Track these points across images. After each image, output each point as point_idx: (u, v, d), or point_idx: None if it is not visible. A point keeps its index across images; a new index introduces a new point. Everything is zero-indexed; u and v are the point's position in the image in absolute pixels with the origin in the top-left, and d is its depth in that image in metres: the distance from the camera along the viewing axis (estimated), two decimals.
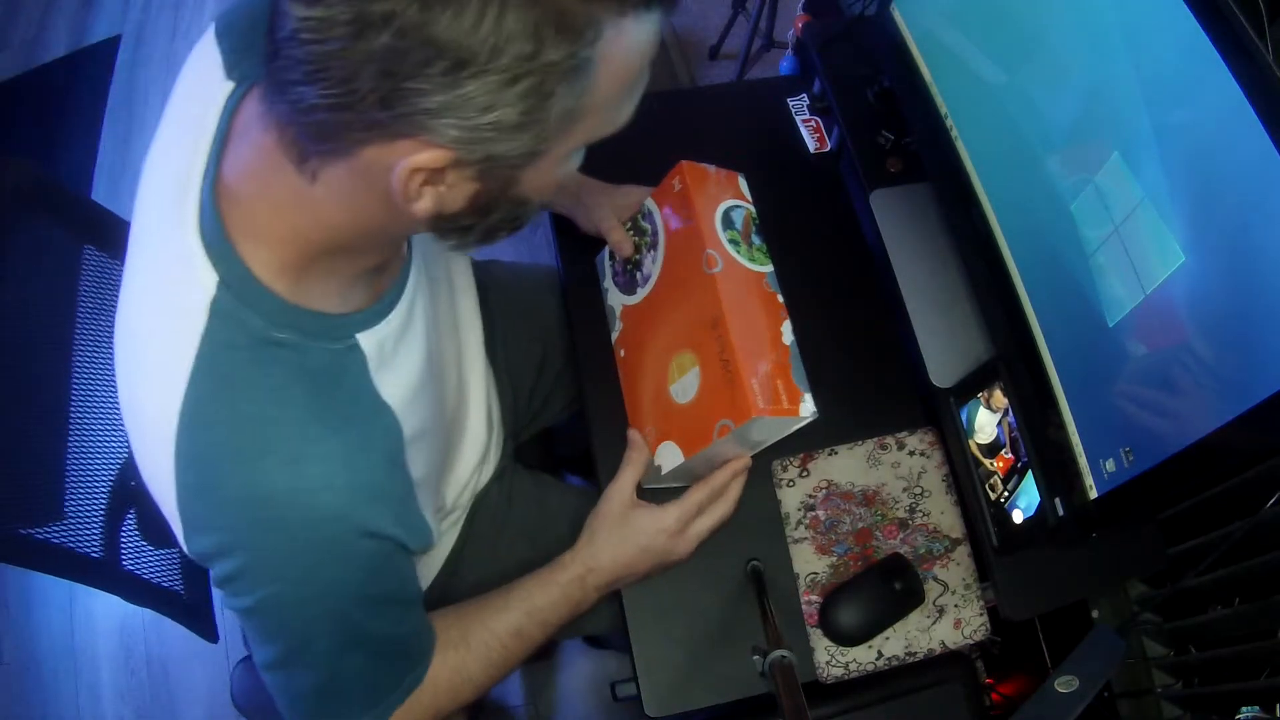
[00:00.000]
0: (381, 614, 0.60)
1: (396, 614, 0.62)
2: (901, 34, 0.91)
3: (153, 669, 1.61)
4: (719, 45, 2.12)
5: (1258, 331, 0.53)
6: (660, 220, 0.84)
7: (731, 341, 0.72)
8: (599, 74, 0.44)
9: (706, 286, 0.75)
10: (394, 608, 0.61)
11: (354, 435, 0.53)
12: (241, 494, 0.51)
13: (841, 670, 0.81)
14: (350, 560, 0.55)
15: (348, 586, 0.56)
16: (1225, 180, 0.54)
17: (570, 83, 0.43)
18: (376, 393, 0.55)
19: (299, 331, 0.52)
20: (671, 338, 0.80)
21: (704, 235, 0.77)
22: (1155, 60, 0.58)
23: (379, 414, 0.55)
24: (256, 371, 0.51)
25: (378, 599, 0.59)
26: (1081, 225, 0.68)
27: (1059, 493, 0.74)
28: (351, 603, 0.57)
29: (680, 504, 0.77)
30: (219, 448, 0.51)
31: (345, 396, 0.53)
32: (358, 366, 0.54)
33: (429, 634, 0.68)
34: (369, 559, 0.56)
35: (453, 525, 0.88)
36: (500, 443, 0.94)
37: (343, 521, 0.53)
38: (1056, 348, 0.74)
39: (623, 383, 0.86)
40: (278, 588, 0.55)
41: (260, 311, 0.50)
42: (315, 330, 0.52)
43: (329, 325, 0.53)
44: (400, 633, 0.63)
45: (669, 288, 0.82)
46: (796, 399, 0.73)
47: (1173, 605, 0.91)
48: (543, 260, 1.92)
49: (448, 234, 0.50)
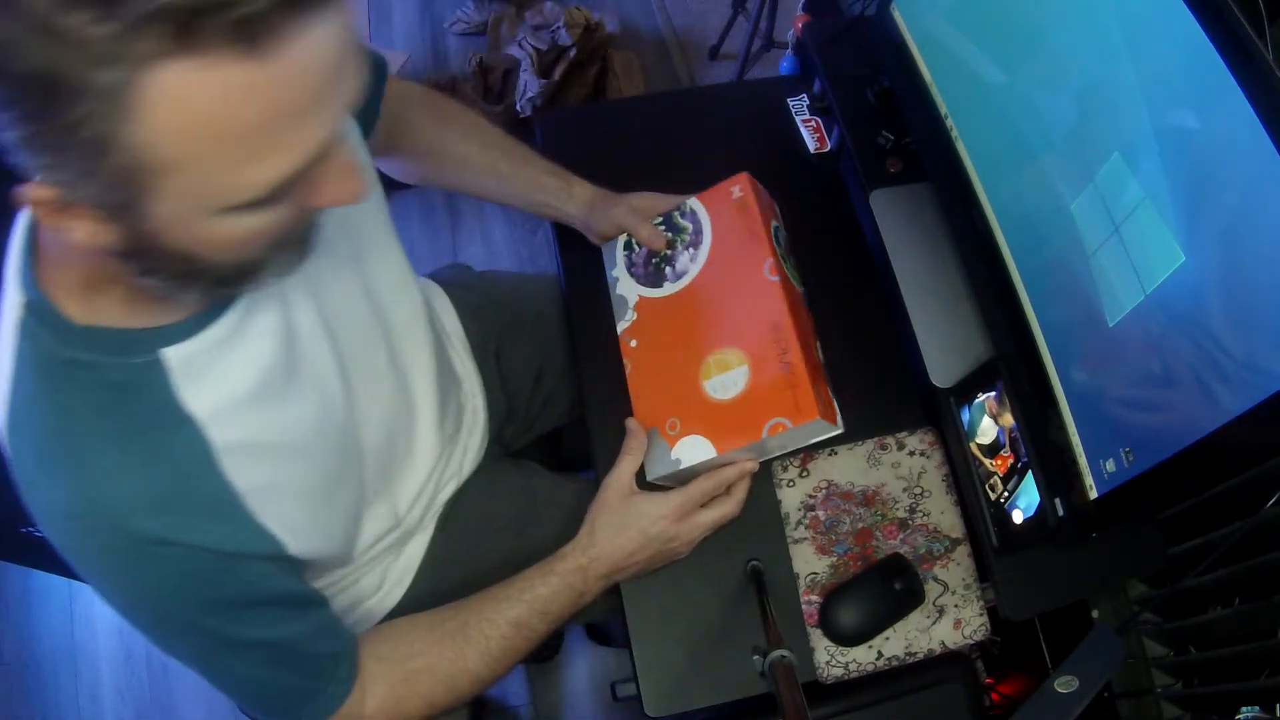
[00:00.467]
0: (243, 619, 0.60)
1: (267, 617, 0.62)
2: (901, 34, 0.91)
3: (152, 669, 1.61)
4: (719, 45, 2.12)
5: (1257, 331, 0.53)
6: (707, 221, 0.88)
7: (797, 346, 0.78)
8: (141, 127, 0.38)
9: (768, 292, 0.81)
10: (256, 611, 0.61)
11: (140, 447, 0.54)
12: (39, 507, 0.54)
13: (841, 670, 0.81)
14: (157, 568, 0.55)
15: (172, 593, 0.57)
16: (1225, 180, 0.54)
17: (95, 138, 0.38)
18: (179, 405, 0.55)
19: (93, 350, 0.53)
20: (711, 334, 0.83)
21: (766, 244, 0.83)
22: (1155, 60, 0.58)
23: (179, 426, 0.55)
24: (51, 388, 0.53)
25: (226, 604, 0.59)
26: (1081, 225, 0.68)
27: (1059, 493, 0.74)
28: (193, 609, 0.58)
29: (683, 492, 0.78)
30: (24, 461, 0.54)
31: (137, 410, 0.54)
32: (159, 380, 0.54)
33: (334, 636, 0.68)
34: (178, 565, 0.56)
35: (415, 534, 0.88)
36: (475, 451, 0.93)
37: (122, 531, 0.53)
38: (1056, 348, 0.74)
39: (630, 373, 0.87)
40: (108, 594, 0.58)
41: (54, 332, 0.52)
42: (111, 347, 0.53)
43: (126, 341, 0.53)
44: (284, 635, 0.63)
45: (713, 287, 0.85)
46: (835, 412, 0.81)
47: (1173, 605, 0.91)
48: (543, 260, 1.93)
49: (144, 274, 0.48)
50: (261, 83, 0.39)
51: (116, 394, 0.53)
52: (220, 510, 0.57)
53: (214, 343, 0.56)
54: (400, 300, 0.78)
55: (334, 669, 0.67)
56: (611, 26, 2.04)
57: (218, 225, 0.45)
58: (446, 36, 2.25)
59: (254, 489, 0.58)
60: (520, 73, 1.96)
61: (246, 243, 0.47)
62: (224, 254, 0.48)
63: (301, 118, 0.42)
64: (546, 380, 1.06)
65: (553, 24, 1.99)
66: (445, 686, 0.72)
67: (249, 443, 0.58)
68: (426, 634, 0.74)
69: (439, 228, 2.01)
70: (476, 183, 0.94)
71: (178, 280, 0.49)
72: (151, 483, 0.54)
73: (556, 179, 0.94)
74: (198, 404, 0.56)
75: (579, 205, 0.94)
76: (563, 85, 1.96)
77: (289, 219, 0.48)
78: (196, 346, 0.56)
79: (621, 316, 0.90)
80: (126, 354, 0.54)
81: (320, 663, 0.66)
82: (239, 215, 0.45)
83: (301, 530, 0.62)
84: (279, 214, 0.46)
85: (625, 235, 0.93)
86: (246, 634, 0.61)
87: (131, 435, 0.54)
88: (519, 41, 1.99)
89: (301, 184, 0.45)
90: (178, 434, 0.55)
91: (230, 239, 0.46)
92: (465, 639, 0.73)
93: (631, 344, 0.88)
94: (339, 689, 0.67)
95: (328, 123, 0.43)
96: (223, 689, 0.65)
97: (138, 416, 0.54)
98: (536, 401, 1.06)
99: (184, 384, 0.55)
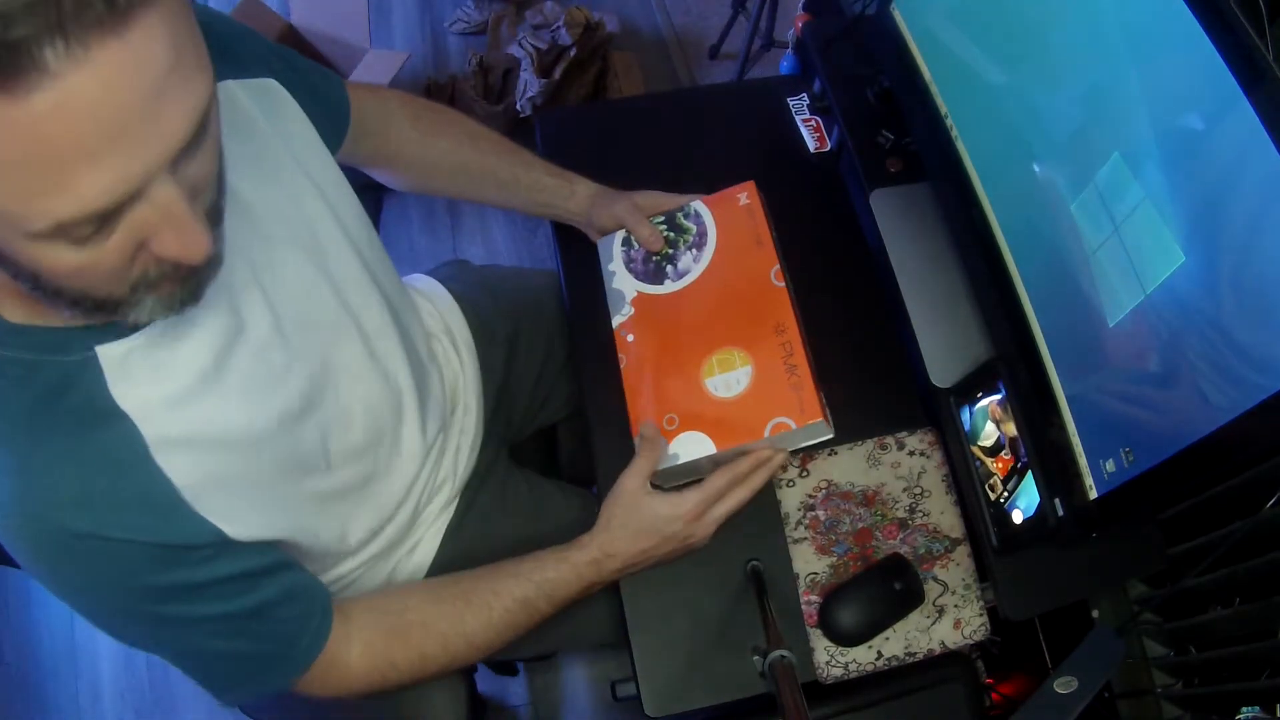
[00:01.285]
0: (192, 599, 0.60)
1: (216, 595, 0.61)
2: (901, 34, 0.91)
3: (153, 669, 1.61)
4: (719, 45, 2.12)
5: (1257, 331, 0.53)
6: (712, 224, 0.90)
7: (802, 349, 0.81)
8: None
9: (775, 297, 0.84)
10: (203, 591, 0.61)
11: (73, 444, 0.54)
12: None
13: (841, 670, 0.81)
14: (89, 562, 0.56)
15: (109, 586, 0.57)
16: (1225, 180, 0.54)
17: None
18: (112, 401, 0.55)
19: (27, 348, 0.53)
20: (714, 333, 0.84)
21: (774, 251, 0.86)
22: (1155, 60, 0.58)
23: (111, 421, 0.55)
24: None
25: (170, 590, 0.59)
26: (1081, 225, 0.68)
27: (1059, 493, 0.74)
28: (134, 599, 0.58)
29: (700, 490, 0.78)
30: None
31: (70, 407, 0.54)
32: (92, 376, 0.55)
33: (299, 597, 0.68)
34: (111, 559, 0.56)
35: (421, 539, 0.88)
36: (469, 451, 0.93)
37: (52, 527, 0.54)
38: (1056, 348, 0.74)
39: (625, 367, 0.87)
40: (53, 589, 0.58)
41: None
42: (45, 345, 0.53)
43: (61, 339, 0.54)
44: (239, 608, 0.63)
45: (717, 287, 0.87)
46: (829, 415, 0.82)
47: (1173, 605, 0.91)
48: (543, 260, 1.93)
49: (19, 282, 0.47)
50: (21, 119, 0.36)
51: (50, 391, 0.54)
52: (156, 504, 0.57)
53: (151, 339, 0.56)
54: (369, 300, 0.77)
55: (303, 627, 0.67)
56: (611, 26, 2.03)
57: (41, 250, 0.43)
58: (446, 36, 2.25)
59: (193, 483, 0.58)
60: (520, 72, 1.96)
61: (83, 274, 0.46)
62: (67, 280, 0.46)
63: (88, 159, 0.39)
64: (548, 373, 1.06)
65: (553, 24, 1.99)
66: (439, 643, 0.73)
67: (188, 437, 0.58)
68: (425, 594, 0.75)
69: (439, 228, 2.01)
70: (475, 190, 0.94)
71: (48, 296, 0.48)
72: (83, 479, 0.54)
73: (557, 179, 0.94)
74: (132, 400, 0.56)
75: (581, 202, 0.94)
76: (563, 85, 1.96)
77: (136, 261, 0.47)
78: (133, 344, 0.56)
79: (617, 311, 0.90)
80: (61, 352, 0.54)
81: (286, 624, 0.66)
82: (57, 246, 0.43)
83: (247, 519, 0.62)
84: (113, 254, 0.45)
85: (623, 231, 0.93)
86: (196, 612, 0.61)
87: (64, 432, 0.54)
88: (519, 41, 1.99)
89: (131, 228, 0.44)
90: (111, 430, 0.55)
91: (64, 267, 0.44)
92: (466, 603, 0.74)
93: (628, 338, 0.88)
94: (313, 644, 0.67)
95: (130, 166, 0.41)
96: (187, 671, 0.65)
97: (71, 414, 0.54)
98: (539, 395, 1.06)
99: (118, 381, 0.55)
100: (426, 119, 0.91)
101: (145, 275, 0.48)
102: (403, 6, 2.31)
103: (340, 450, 0.72)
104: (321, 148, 0.73)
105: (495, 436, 1.00)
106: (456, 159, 0.92)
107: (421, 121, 0.90)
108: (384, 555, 0.84)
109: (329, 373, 0.71)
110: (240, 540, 0.61)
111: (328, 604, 0.70)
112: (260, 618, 0.64)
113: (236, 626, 0.64)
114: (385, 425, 0.79)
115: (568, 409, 1.09)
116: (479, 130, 0.93)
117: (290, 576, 0.67)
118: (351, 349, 0.75)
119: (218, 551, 0.60)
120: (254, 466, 0.63)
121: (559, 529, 0.93)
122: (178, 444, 0.58)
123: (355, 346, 0.75)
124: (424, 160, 0.91)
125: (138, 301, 0.50)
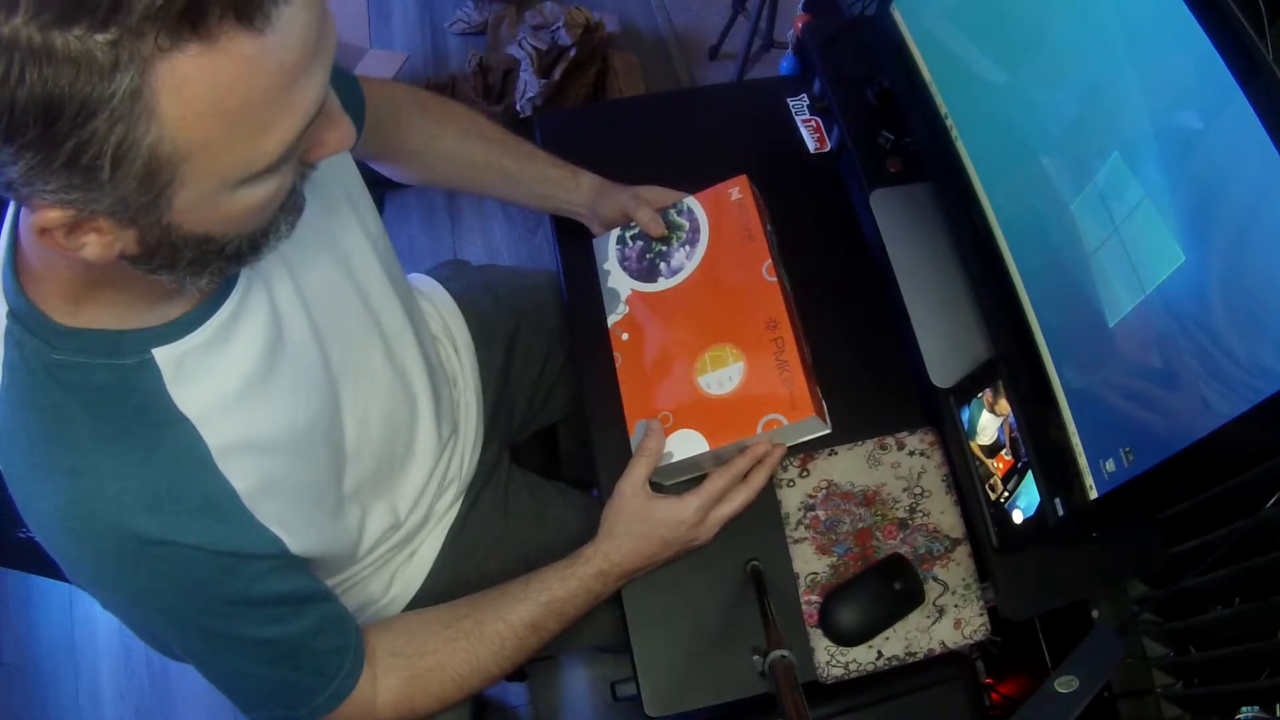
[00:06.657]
0: (244, 617, 0.60)
1: (267, 615, 0.62)
2: (901, 34, 0.91)
3: (152, 669, 1.61)
4: (719, 45, 2.12)
5: (1257, 331, 0.53)
6: (705, 220, 0.89)
7: (794, 345, 0.80)
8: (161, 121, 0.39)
9: (767, 292, 0.83)
10: (256, 609, 0.61)
11: (134, 446, 0.54)
12: (32, 512, 0.54)
13: (841, 670, 0.81)
14: (155, 568, 0.55)
15: (171, 593, 0.57)
16: (1225, 180, 0.54)
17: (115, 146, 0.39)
18: (172, 404, 0.55)
19: (82, 352, 0.53)
20: (707, 330, 0.84)
21: (766, 246, 0.86)
22: (1155, 60, 0.58)
23: (172, 425, 0.55)
24: (40, 392, 0.53)
25: (226, 602, 0.59)
26: (1081, 225, 0.68)
27: (1059, 493, 0.74)
28: (193, 609, 0.58)
29: (700, 493, 0.78)
30: (17, 467, 0.54)
31: (130, 410, 0.54)
32: (151, 380, 0.55)
33: (338, 631, 0.68)
34: (176, 565, 0.56)
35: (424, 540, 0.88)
36: (472, 451, 0.93)
37: (118, 532, 0.53)
38: (1056, 347, 0.74)
39: (620, 365, 0.87)
40: (104, 596, 0.58)
41: (41, 337, 0.52)
42: (99, 349, 0.53)
43: (115, 342, 0.54)
44: (285, 633, 0.63)
45: (710, 284, 0.87)
46: (825, 411, 0.82)
47: (1173, 605, 0.91)
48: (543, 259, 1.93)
49: (156, 270, 0.49)
50: (265, 53, 0.40)
51: (107, 395, 0.53)
52: (221, 510, 0.57)
53: (203, 343, 0.57)
54: (388, 301, 0.78)
55: (339, 664, 0.67)
56: (611, 26, 2.03)
57: (237, 198, 0.46)
58: (446, 36, 2.25)
59: (251, 488, 0.58)
60: (520, 73, 1.96)
61: (262, 210, 0.49)
62: (240, 226, 0.49)
63: (300, 79, 0.43)
64: (548, 373, 1.06)
65: (553, 24, 1.99)
66: (456, 685, 0.73)
67: (242, 441, 0.58)
68: (441, 630, 0.74)
69: (439, 227, 2.01)
70: (480, 181, 0.94)
71: (192, 267, 0.50)
72: (147, 482, 0.54)
73: (561, 170, 0.95)
74: (191, 404, 0.56)
75: (585, 193, 0.94)
76: (563, 85, 1.96)
77: (293, 178, 0.50)
78: (186, 347, 0.56)
79: (612, 309, 0.90)
80: (116, 355, 0.54)
81: (324, 658, 0.66)
82: (254, 184, 0.46)
83: (297, 528, 0.62)
84: (286, 175, 0.48)
85: (618, 230, 0.93)
86: (247, 632, 0.61)
87: (124, 435, 0.54)
88: (519, 41, 1.99)
89: (309, 137, 0.47)
90: (172, 434, 0.55)
91: (249, 209, 0.48)
92: (480, 638, 0.73)
93: (622, 337, 0.88)
94: (344, 684, 0.67)
95: (321, 78, 0.45)
96: (225, 690, 0.65)
97: (130, 417, 0.54)
98: (538, 395, 1.06)
99: (176, 384, 0.55)
100: (434, 109, 0.91)
101: (290, 195, 0.51)
102: (403, 6, 2.31)
103: (361, 451, 0.72)
104: None
105: (496, 437, 1.00)
106: (463, 149, 0.92)
107: (429, 111, 0.91)
108: (389, 557, 0.84)
109: (353, 374, 0.71)
110: (294, 554, 0.62)
111: (360, 643, 0.69)
112: (303, 645, 0.64)
113: (281, 651, 0.63)
114: (402, 425, 0.79)
115: (567, 409, 1.09)
116: (484, 122, 0.94)
117: (329, 607, 0.67)
118: (374, 351, 0.75)
119: (274, 566, 0.61)
120: (295, 470, 0.63)
121: (560, 533, 0.93)
122: (236, 448, 0.58)
123: (377, 348, 0.75)
124: (431, 150, 0.91)
125: (276, 228, 0.52)
